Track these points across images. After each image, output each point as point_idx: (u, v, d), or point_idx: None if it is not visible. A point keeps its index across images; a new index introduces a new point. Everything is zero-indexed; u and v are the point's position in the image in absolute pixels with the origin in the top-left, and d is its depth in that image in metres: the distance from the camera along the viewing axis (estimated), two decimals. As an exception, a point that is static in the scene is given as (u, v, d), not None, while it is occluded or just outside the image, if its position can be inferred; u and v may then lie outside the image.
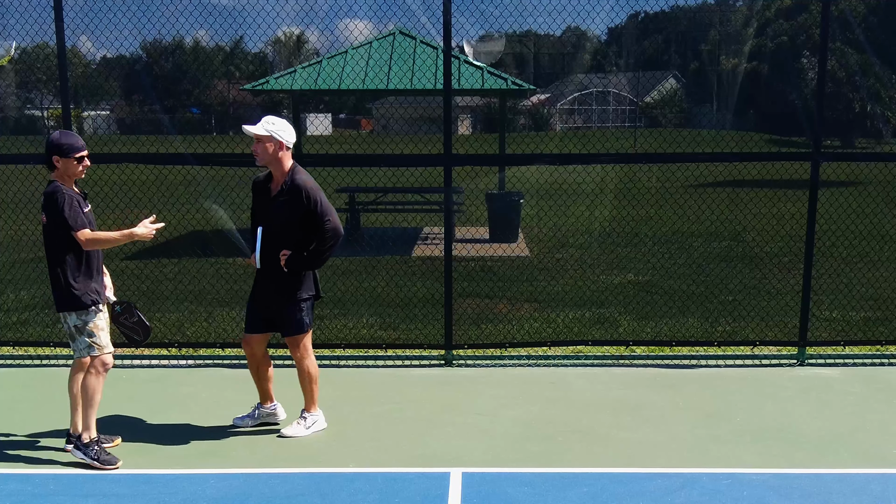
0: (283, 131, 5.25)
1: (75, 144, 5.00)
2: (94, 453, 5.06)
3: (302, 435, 5.54)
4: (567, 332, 7.96)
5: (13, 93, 22.14)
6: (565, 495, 4.68)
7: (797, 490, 4.75)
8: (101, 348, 5.09)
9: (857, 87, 25.80)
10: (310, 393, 5.62)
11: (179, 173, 8.28)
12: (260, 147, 5.25)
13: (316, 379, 5.61)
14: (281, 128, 5.25)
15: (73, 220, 4.91)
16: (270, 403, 5.78)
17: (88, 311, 5.04)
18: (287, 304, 5.38)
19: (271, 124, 5.24)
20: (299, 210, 5.24)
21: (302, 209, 5.24)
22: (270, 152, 5.24)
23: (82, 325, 5.05)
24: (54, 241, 5.01)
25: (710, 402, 6.22)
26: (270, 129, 5.23)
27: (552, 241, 12.64)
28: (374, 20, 30.49)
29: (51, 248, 5.03)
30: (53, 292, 5.08)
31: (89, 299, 5.03)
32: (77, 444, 5.12)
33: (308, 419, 5.62)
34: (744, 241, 12.54)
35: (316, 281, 5.51)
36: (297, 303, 5.38)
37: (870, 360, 7.22)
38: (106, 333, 5.14)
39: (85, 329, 5.05)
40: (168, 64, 23.71)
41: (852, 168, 8.59)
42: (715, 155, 7.30)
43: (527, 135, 30.87)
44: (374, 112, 31.76)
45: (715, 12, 30.88)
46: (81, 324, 5.04)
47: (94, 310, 5.06)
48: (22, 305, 9.07)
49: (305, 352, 5.52)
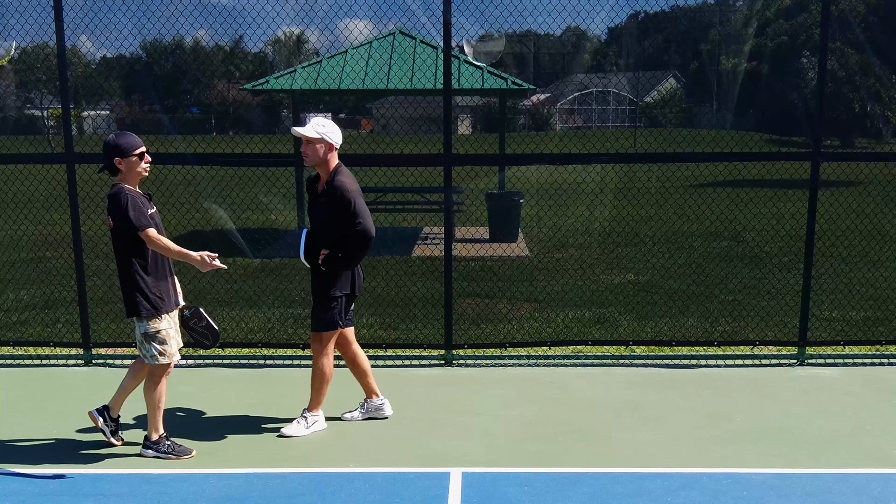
0: (333, 133, 5.36)
1: (133, 142, 4.94)
2: (167, 448, 5.15)
3: (301, 434, 5.54)
4: (567, 332, 7.96)
5: (13, 93, 22.15)
6: (565, 495, 4.68)
7: (797, 490, 4.75)
8: (170, 356, 5.07)
9: (857, 87, 25.79)
10: (317, 392, 5.61)
11: (179, 173, 8.28)
12: (309, 149, 5.34)
13: (327, 380, 5.58)
14: (331, 130, 5.36)
15: (137, 220, 4.84)
16: (376, 398, 5.85)
17: (159, 318, 4.99)
18: (319, 298, 5.44)
19: (321, 126, 5.34)
20: (337, 210, 5.31)
21: (339, 209, 5.30)
22: (320, 154, 5.35)
23: (153, 333, 4.99)
24: (121, 245, 4.94)
25: (710, 402, 6.22)
26: (321, 131, 5.32)
27: (552, 241, 12.64)
28: (374, 20, 30.49)
29: (119, 252, 4.96)
30: (123, 298, 5.01)
31: (159, 305, 4.98)
32: (147, 445, 5.17)
33: (309, 419, 5.62)
34: (744, 241, 12.54)
35: (353, 279, 5.51)
36: (329, 299, 5.41)
37: (870, 360, 7.22)
38: (175, 342, 5.10)
39: (156, 337, 5.00)
40: (168, 64, 23.73)
41: (852, 168, 8.57)
42: (715, 155, 7.30)
43: (527, 135, 30.87)
44: (373, 112, 31.76)
45: (715, 12, 30.89)
46: (153, 331, 4.99)
47: (164, 317, 5.01)
48: (22, 305, 9.07)
49: (326, 350, 5.52)
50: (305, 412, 5.63)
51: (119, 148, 4.89)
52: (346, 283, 5.45)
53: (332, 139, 5.34)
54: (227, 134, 29.68)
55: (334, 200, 5.31)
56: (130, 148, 4.91)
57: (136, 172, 4.97)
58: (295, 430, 5.56)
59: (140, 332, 5.02)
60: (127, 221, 4.84)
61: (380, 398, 5.87)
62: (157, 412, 5.15)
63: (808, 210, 7.03)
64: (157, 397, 5.13)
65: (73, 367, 7.13)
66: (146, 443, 5.19)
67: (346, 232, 5.32)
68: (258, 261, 11.11)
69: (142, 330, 5.00)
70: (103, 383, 6.64)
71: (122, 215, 4.84)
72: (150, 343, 5.01)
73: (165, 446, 5.16)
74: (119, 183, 4.94)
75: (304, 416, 5.62)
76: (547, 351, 7.36)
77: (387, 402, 5.89)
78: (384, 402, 5.88)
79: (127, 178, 4.95)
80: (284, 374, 6.99)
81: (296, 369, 7.08)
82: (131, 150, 4.91)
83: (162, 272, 5.04)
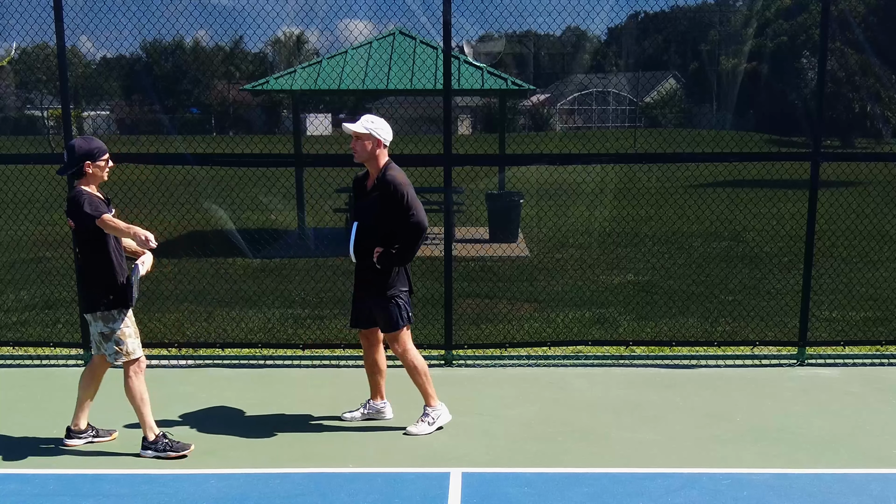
0: (382, 129, 5.38)
1: (102, 147, 5.06)
2: (164, 445, 5.15)
3: (427, 432, 5.55)
4: (567, 332, 7.96)
5: (13, 93, 22.15)
6: (565, 495, 4.68)
7: (797, 490, 4.75)
8: (128, 355, 5.09)
9: (857, 87, 25.78)
10: (423, 387, 5.61)
11: (179, 173, 8.29)
12: (359, 144, 5.37)
13: (425, 372, 5.60)
14: (380, 126, 5.38)
15: (93, 210, 4.89)
16: (380, 400, 5.84)
17: (114, 318, 5.03)
18: (379, 300, 5.43)
19: (371, 122, 5.36)
20: (388, 204, 5.32)
21: (391, 203, 5.32)
22: (368, 150, 5.37)
23: (109, 333, 5.04)
24: (84, 246, 5.04)
25: (710, 402, 6.22)
26: (370, 127, 5.34)
27: (552, 241, 12.64)
28: (374, 20, 30.49)
29: (82, 252, 5.07)
30: (82, 296, 5.11)
31: (114, 303, 5.02)
32: (145, 446, 5.18)
33: (431, 414, 5.62)
34: (744, 241, 12.54)
35: (408, 276, 5.54)
36: (389, 299, 5.42)
37: (869, 360, 7.22)
38: (133, 339, 5.11)
39: (112, 336, 5.05)
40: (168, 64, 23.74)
41: (852, 168, 8.57)
42: (715, 155, 7.30)
43: (527, 135, 30.86)
44: (374, 112, 31.72)
45: (715, 12, 30.88)
46: (108, 331, 5.04)
47: (118, 315, 5.05)
48: (22, 305, 9.07)
49: (404, 347, 5.54)
50: (426, 409, 5.64)
51: (91, 153, 5.00)
52: (403, 280, 5.48)
53: (381, 135, 5.37)
54: (227, 134, 29.67)
55: (386, 195, 5.32)
56: (100, 153, 5.03)
57: (100, 177, 5.08)
58: (419, 429, 5.56)
59: (96, 332, 5.07)
60: (85, 216, 4.90)
61: (383, 401, 5.87)
62: (144, 411, 5.15)
63: (808, 210, 7.03)
64: (137, 396, 5.12)
65: (73, 367, 7.12)
66: (144, 443, 5.19)
67: (399, 225, 5.32)
68: (258, 261, 11.11)
69: (97, 330, 5.06)
70: (102, 383, 6.64)
71: (79, 212, 4.92)
72: (108, 342, 5.06)
73: (163, 444, 5.17)
74: (79, 186, 5.04)
75: (425, 413, 5.63)
76: (547, 351, 7.36)
77: (389, 405, 5.88)
78: (386, 404, 5.88)
79: (91, 181, 5.05)
80: (284, 374, 6.99)
81: (296, 369, 7.08)
82: (101, 155, 5.03)
83: (122, 271, 5.09)
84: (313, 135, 24.15)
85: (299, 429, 5.70)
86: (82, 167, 5.00)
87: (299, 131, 15.36)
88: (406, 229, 5.32)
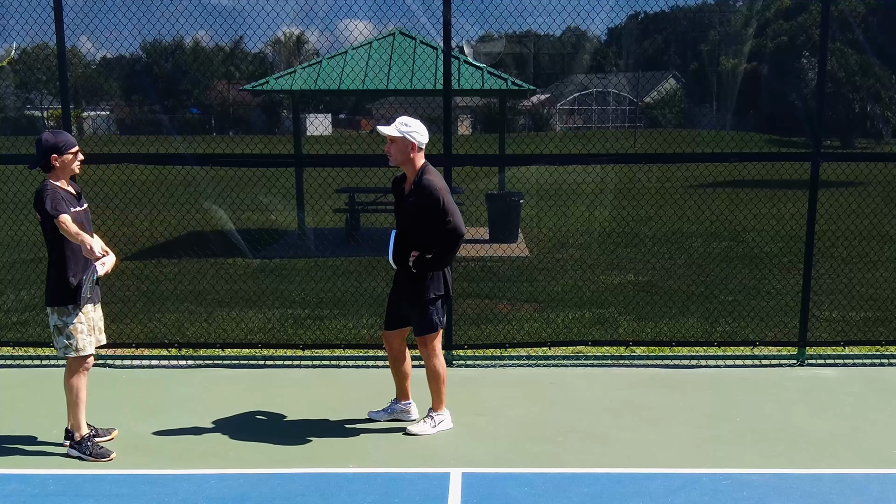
0: (417, 132, 5.30)
1: (69, 141, 5.10)
2: (86, 449, 5.16)
3: (428, 433, 5.55)
4: (567, 332, 7.96)
5: (13, 93, 22.15)
6: (565, 495, 4.68)
7: (797, 490, 4.75)
8: (77, 351, 5.12)
9: (857, 87, 25.78)
10: (437, 392, 5.62)
11: (179, 173, 8.28)
12: (393, 147, 5.30)
13: (444, 379, 5.61)
14: (415, 129, 5.30)
15: (52, 208, 4.91)
16: (405, 401, 5.82)
17: (67, 312, 5.07)
18: (416, 303, 5.43)
19: (405, 126, 5.29)
20: (425, 209, 5.27)
21: (427, 208, 5.26)
22: (403, 153, 5.29)
23: (62, 326, 5.09)
24: (47, 240, 5.09)
25: (710, 402, 6.22)
26: (404, 130, 5.27)
27: (552, 242, 12.64)
28: (374, 20, 30.51)
29: (47, 245, 5.11)
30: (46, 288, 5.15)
31: (67, 298, 5.06)
32: (72, 443, 5.20)
33: (435, 418, 5.63)
34: (744, 242, 12.54)
35: (446, 280, 5.50)
36: (426, 303, 5.40)
37: (869, 361, 7.22)
38: (84, 336, 5.13)
39: (64, 330, 5.09)
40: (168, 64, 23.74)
41: (852, 168, 8.58)
42: (715, 155, 7.30)
43: (527, 135, 30.87)
44: (374, 112, 31.75)
45: (715, 12, 30.89)
46: (62, 324, 5.09)
47: (73, 310, 5.08)
48: (22, 305, 9.07)
49: (433, 351, 5.52)
50: (431, 412, 5.64)
51: (56, 147, 5.03)
52: (439, 284, 5.44)
53: (415, 138, 5.29)
54: (226, 134, 29.67)
55: (422, 199, 5.27)
56: (67, 146, 5.05)
57: (69, 170, 5.11)
58: (421, 429, 5.57)
59: (52, 323, 5.12)
60: (44, 213, 4.94)
61: (409, 401, 5.84)
62: (76, 408, 5.16)
63: (808, 210, 7.03)
64: (73, 392, 5.14)
65: (73, 367, 7.12)
66: (71, 442, 5.21)
67: (436, 231, 5.28)
68: (258, 261, 11.11)
69: (53, 322, 5.11)
70: (102, 383, 6.64)
71: (41, 207, 4.95)
72: (59, 336, 5.10)
73: (86, 448, 5.17)
74: (47, 180, 5.06)
75: (430, 416, 5.63)
76: (547, 351, 7.36)
77: (414, 405, 5.84)
78: (412, 404, 5.84)
79: (59, 174, 5.07)
80: (284, 374, 6.99)
81: (295, 369, 7.08)
82: (67, 148, 5.06)
83: (84, 267, 5.08)
84: (313, 135, 24.16)
85: (299, 429, 5.70)
86: (49, 161, 5.03)
87: (299, 131, 15.36)
88: (443, 235, 5.28)
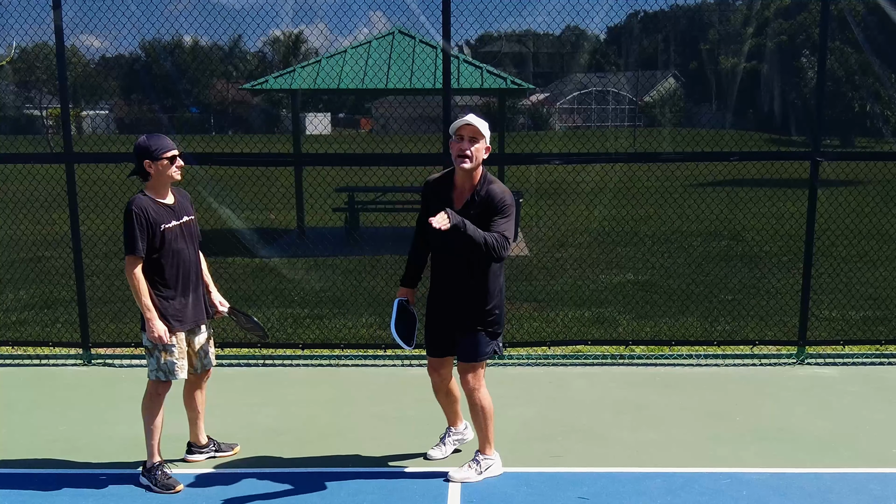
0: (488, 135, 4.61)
1: (164, 144, 4.62)
2: (154, 479, 4.77)
3: (473, 480, 4.85)
4: (567, 331, 7.96)
5: (13, 92, 22.14)
6: (565, 495, 4.68)
7: (797, 490, 4.75)
8: (167, 375, 4.75)
9: (856, 86, 25.79)
10: (484, 432, 4.90)
11: (179, 173, 8.24)
12: (476, 148, 4.53)
13: (491, 415, 4.88)
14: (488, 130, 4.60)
15: (128, 240, 4.54)
16: (460, 424, 5.28)
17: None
18: (478, 331, 4.75)
19: (487, 127, 4.58)
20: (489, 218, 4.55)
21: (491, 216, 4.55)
22: (480, 157, 4.57)
23: (151, 348, 4.72)
24: None
25: (709, 401, 6.22)
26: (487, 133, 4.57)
27: (552, 241, 12.63)
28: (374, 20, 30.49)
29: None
30: None
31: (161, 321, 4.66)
32: (143, 472, 4.86)
33: (483, 463, 4.91)
34: (743, 241, 12.53)
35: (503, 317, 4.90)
36: (490, 335, 4.78)
37: (869, 360, 7.22)
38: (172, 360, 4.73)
39: (153, 352, 4.72)
40: (167, 63, 23.71)
41: (852, 167, 8.57)
42: (715, 154, 7.30)
43: (526, 134, 30.86)
44: (373, 111, 31.75)
45: (714, 12, 30.89)
46: (150, 346, 4.71)
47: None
48: (21, 305, 9.07)
49: (479, 382, 4.82)
50: (478, 454, 4.94)
51: (149, 150, 4.59)
52: (503, 319, 4.87)
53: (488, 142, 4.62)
54: (226, 133, 29.68)
55: (490, 209, 4.55)
56: (160, 150, 4.60)
57: (165, 177, 4.66)
58: (465, 475, 4.86)
59: (144, 343, 4.79)
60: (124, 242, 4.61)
61: (463, 423, 5.31)
62: (151, 435, 4.80)
63: (808, 209, 7.03)
64: (148, 418, 4.79)
65: (73, 366, 7.13)
66: (142, 470, 4.88)
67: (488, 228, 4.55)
68: (258, 261, 11.10)
69: (143, 342, 4.78)
70: (102, 383, 6.65)
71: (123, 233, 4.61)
72: (150, 357, 4.76)
73: (153, 478, 4.77)
74: (137, 195, 4.66)
75: (475, 460, 4.92)
76: (547, 351, 7.36)
77: (468, 425, 5.27)
78: (467, 426, 5.31)
79: (155, 183, 4.67)
80: (284, 374, 6.99)
81: (295, 369, 7.08)
82: (161, 152, 4.60)
83: (180, 289, 4.75)
84: (312, 134, 24.16)
85: (299, 429, 5.70)
86: (142, 167, 4.61)
87: (299, 130, 15.35)
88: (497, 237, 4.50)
